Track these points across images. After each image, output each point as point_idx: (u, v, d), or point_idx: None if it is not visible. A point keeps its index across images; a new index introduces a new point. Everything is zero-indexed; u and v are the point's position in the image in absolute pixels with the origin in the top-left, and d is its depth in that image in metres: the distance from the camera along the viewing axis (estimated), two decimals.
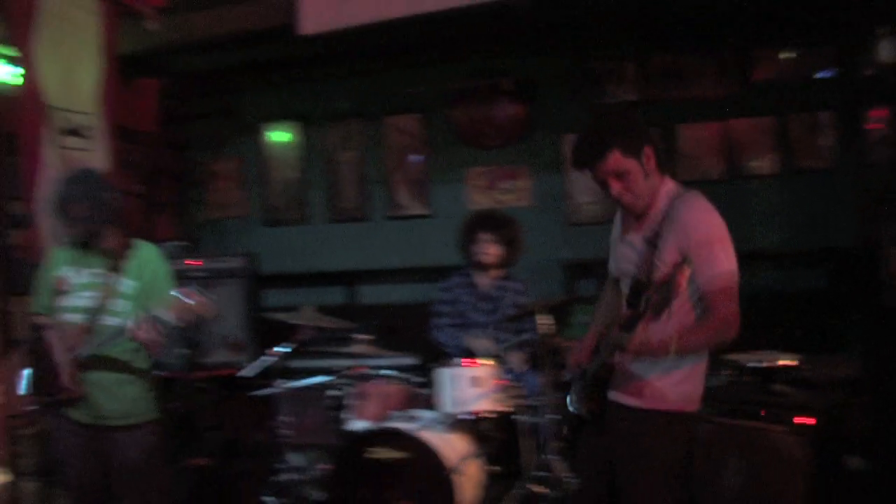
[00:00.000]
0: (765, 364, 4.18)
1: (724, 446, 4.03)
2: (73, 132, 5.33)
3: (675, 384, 3.03)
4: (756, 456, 3.89)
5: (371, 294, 7.53)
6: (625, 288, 3.15)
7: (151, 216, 7.36)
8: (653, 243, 2.98)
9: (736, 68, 6.51)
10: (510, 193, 7.11)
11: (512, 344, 5.22)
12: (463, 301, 5.33)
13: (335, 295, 7.55)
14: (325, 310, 5.37)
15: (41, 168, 5.07)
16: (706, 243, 2.91)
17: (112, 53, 5.60)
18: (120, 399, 3.64)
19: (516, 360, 5.10)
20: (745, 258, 6.06)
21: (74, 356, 3.55)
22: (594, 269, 6.77)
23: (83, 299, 3.64)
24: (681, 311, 2.96)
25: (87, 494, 3.69)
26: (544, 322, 4.59)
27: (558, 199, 7.02)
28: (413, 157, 7.37)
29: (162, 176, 7.75)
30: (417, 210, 7.38)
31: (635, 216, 3.12)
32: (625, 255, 3.17)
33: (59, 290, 3.67)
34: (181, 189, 8.04)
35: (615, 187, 3.02)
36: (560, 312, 4.78)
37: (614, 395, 3.11)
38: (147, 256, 3.78)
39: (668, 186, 3.09)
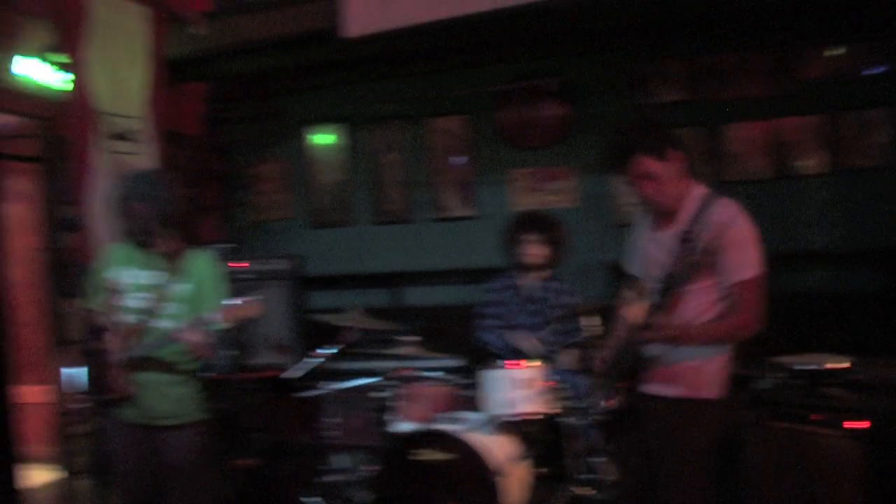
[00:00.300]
0: (815, 367, 4.10)
1: (774, 451, 3.97)
2: (122, 136, 5.41)
3: (705, 373, 3.20)
4: (808, 461, 3.82)
5: (415, 296, 7.55)
6: (652, 284, 3.24)
7: (197, 219, 7.44)
8: (687, 241, 3.11)
9: (784, 66, 6.43)
10: (555, 194, 7.08)
11: (559, 345, 5.19)
12: (508, 303, 5.31)
13: (379, 297, 7.57)
14: (370, 311, 5.38)
15: (91, 172, 5.15)
16: (740, 243, 3.09)
17: (159, 58, 5.68)
18: (169, 399, 3.66)
19: (564, 361, 5.07)
20: (795, 258, 6.00)
21: (125, 357, 3.58)
22: None
23: (136, 300, 3.66)
24: (705, 302, 3.17)
25: (137, 492, 3.72)
26: (591, 323, 4.56)
27: (603, 200, 6.98)
28: (457, 159, 7.36)
29: (208, 179, 7.83)
30: (462, 212, 7.38)
31: (664, 216, 3.29)
32: (653, 253, 3.33)
33: (113, 290, 3.69)
34: (227, 192, 8.12)
35: (646, 189, 3.20)
36: (607, 314, 4.73)
37: (646, 388, 3.27)
38: (201, 260, 3.80)
39: (700, 189, 3.26)
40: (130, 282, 3.68)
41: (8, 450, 5.27)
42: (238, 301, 3.44)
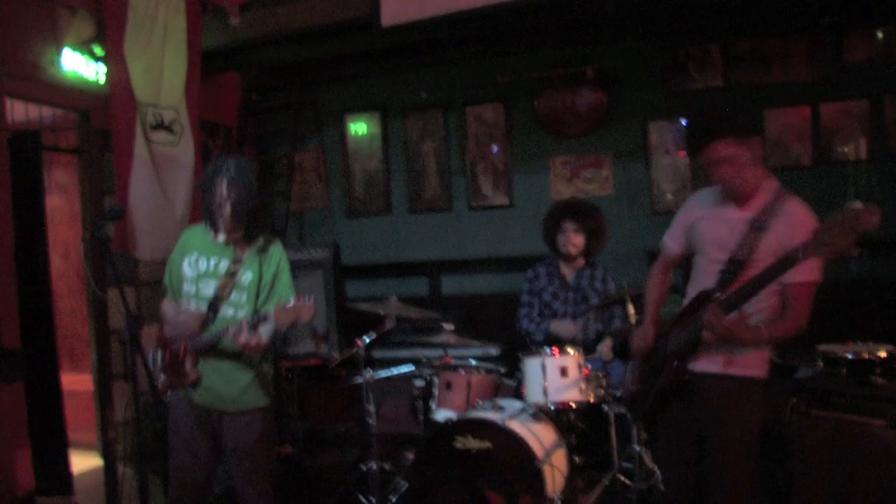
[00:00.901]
0: (864, 355, 4.04)
1: (818, 440, 3.93)
2: (161, 127, 5.44)
3: (762, 353, 3.32)
4: (853, 450, 3.78)
5: (453, 284, 7.54)
6: (710, 263, 3.36)
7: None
8: (759, 228, 3.19)
9: (826, 50, 6.31)
10: (593, 182, 7.03)
11: (598, 333, 5.18)
12: (548, 291, 5.30)
13: (417, 286, 7.58)
14: (409, 300, 5.39)
15: (133, 163, 5.19)
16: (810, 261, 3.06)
17: (196, 49, 5.70)
18: (235, 384, 3.70)
19: (604, 349, 5.06)
20: None
21: (194, 343, 3.65)
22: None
23: (207, 287, 3.71)
24: (770, 300, 3.24)
25: (196, 474, 3.76)
26: (632, 311, 4.54)
27: (642, 188, 6.92)
28: (495, 147, 7.34)
29: None
30: (499, 200, 7.35)
31: (735, 198, 3.31)
32: (718, 231, 3.35)
33: (184, 277, 3.75)
34: (263, 181, 8.16)
35: (725, 172, 3.21)
36: (641, 301, 4.71)
37: (703, 366, 3.33)
38: (269, 250, 3.81)
39: (773, 183, 3.30)
40: (202, 268, 3.73)
41: (58, 437, 5.36)
42: (292, 303, 3.44)
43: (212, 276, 3.71)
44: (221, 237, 3.75)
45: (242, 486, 3.75)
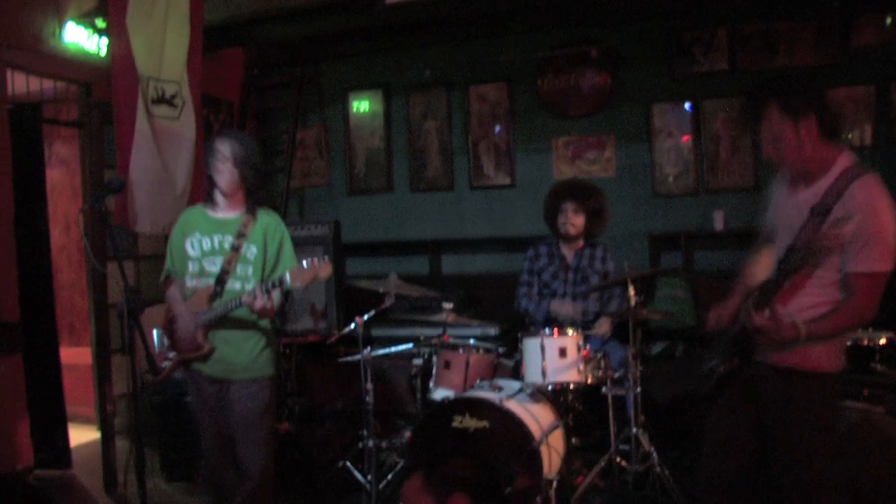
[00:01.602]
0: (864, 342, 4.03)
1: None
2: (163, 100, 5.41)
3: (828, 345, 2.96)
4: (854, 437, 3.77)
5: (454, 263, 7.53)
6: (779, 249, 3.05)
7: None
8: (821, 215, 2.88)
9: (833, 35, 6.27)
10: (595, 164, 7.01)
11: (597, 314, 5.18)
12: (548, 270, 5.29)
13: (418, 264, 7.57)
14: (409, 279, 5.38)
15: (134, 136, 5.17)
16: (876, 231, 2.81)
17: (199, 23, 5.65)
18: (245, 353, 3.81)
19: (602, 323, 5.06)
20: None
21: (201, 319, 3.74)
22: (679, 240, 6.66)
23: (212, 264, 3.81)
24: (825, 293, 2.92)
25: (217, 443, 3.89)
26: (632, 293, 4.53)
27: (644, 170, 6.90)
28: (497, 127, 7.31)
29: None
30: (501, 180, 7.34)
31: (802, 178, 3.02)
32: (790, 215, 3.05)
33: (187, 256, 3.84)
34: (265, 158, 8.13)
35: (770, 149, 2.99)
36: (645, 284, 4.70)
37: (765, 357, 3.04)
38: (270, 223, 3.91)
39: (845, 161, 2.94)
40: (205, 246, 3.83)
41: (56, 410, 5.37)
42: (310, 262, 3.53)
43: (217, 252, 3.82)
44: (224, 212, 3.87)
45: (245, 455, 3.83)
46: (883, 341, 4.05)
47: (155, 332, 3.92)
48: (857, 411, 3.81)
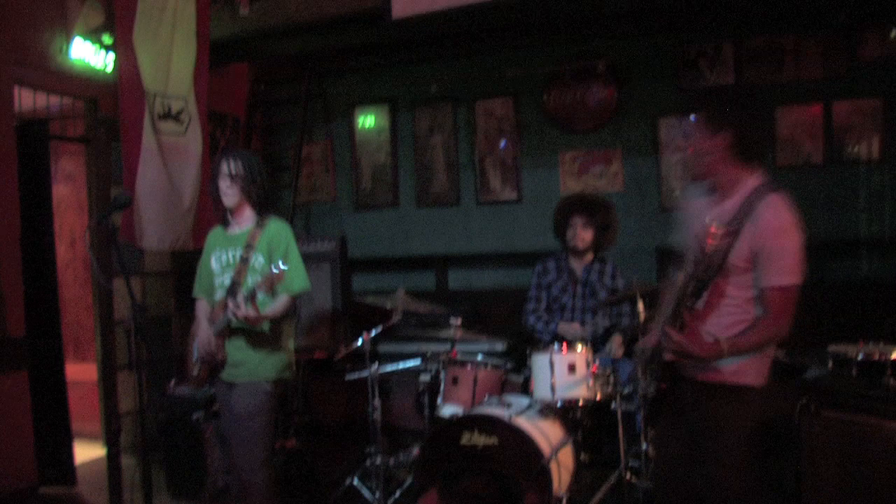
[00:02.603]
0: (875, 356, 3.99)
1: (829, 440, 3.89)
2: (169, 116, 5.41)
3: (754, 361, 3.11)
4: (866, 452, 3.73)
5: (460, 279, 7.50)
6: (688, 264, 3.12)
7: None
8: (731, 234, 3.00)
9: (840, 48, 6.24)
10: (602, 178, 6.99)
11: (605, 330, 5.15)
12: (557, 285, 5.27)
13: (424, 280, 7.55)
14: (415, 294, 5.36)
15: (141, 152, 5.17)
16: (784, 247, 2.97)
17: (205, 38, 5.66)
18: (250, 357, 3.97)
19: (613, 346, 5.03)
20: (847, 246, 5.88)
21: (215, 327, 3.93)
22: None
23: (226, 279, 4.02)
24: (744, 312, 3.08)
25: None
26: (641, 308, 4.50)
27: (651, 184, 6.87)
28: (504, 142, 7.30)
29: None
30: (508, 195, 7.31)
31: (715, 195, 3.18)
32: (698, 229, 3.11)
33: (213, 273, 4.07)
34: (271, 173, 8.13)
35: (690, 158, 3.18)
36: (654, 299, 4.67)
37: (691, 372, 3.17)
38: (275, 232, 4.03)
39: (755, 181, 3.10)
40: (224, 262, 4.04)
41: (62, 426, 5.35)
42: (272, 270, 3.63)
43: (232, 266, 4.01)
44: (235, 228, 4.07)
45: (238, 458, 3.95)
46: (894, 356, 4.01)
47: (194, 345, 4.12)
48: (868, 426, 3.77)
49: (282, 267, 3.62)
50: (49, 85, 5.54)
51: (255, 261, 3.96)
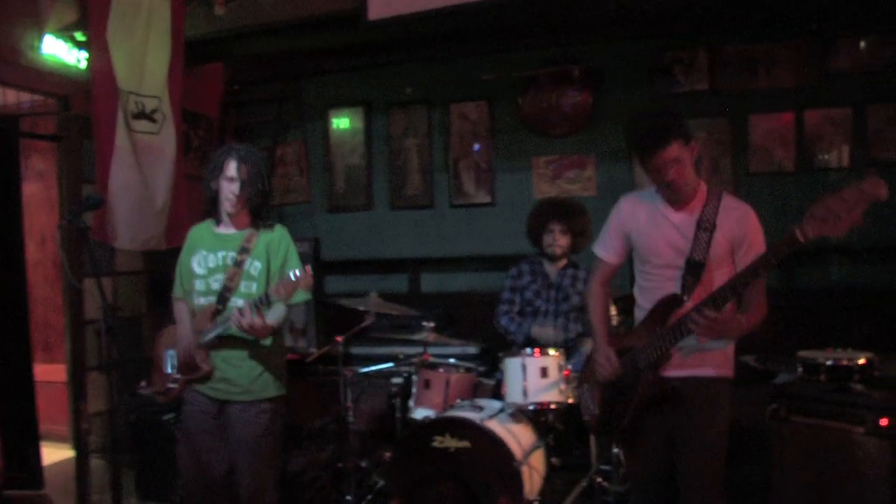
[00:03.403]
0: (843, 362, 4.04)
1: (797, 445, 3.94)
2: (143, 115, 5.38)
3: (727, 352, 3.40)
4: (834, 457, 3.78)
5: (433, 282, 7.49)
6: (663, 268, 3.41)
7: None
8: (707, 228, 3.29)
9: (812, 57, 6.30)
10: (576, 183, 7.01)
11: (580, 334, 5.17)
12: (531, 289, 5.28)
13: (397, 282, 7.53)
14: (388, 297, 5.35)
15: (114, 151, 5.13)
16: (758, 236, 3.32)
17: (180, 37, 5.64)
18: (243, 373, 3.72)
19: (582, 350, 5.05)
20: (817, 253, 5.93)
21: (203, 338, 3.66)
22: None
23: (214, 282, 3.73)
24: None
25: (212, 466, 3.77)
26: (613, 312, 4.53)
27: (624, 190, 6.82)
28: (478, 145, 7.30)
29: None
30: (481, 198, 7.31)
31: (677, 202, 3.38)
32: (668, 235, 3.39)
33: (194, 274, 3.77)
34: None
35: (671, 173, 3.26)
36: (627, 304, 4.70)
37: (674, 372, 3.34)
38: (274, 237, 3.82)
39: (703, 183, 3.44)
40: (209, 265, 3.75)
41: (29, 428, 5.29)
42: (290, 276, 3.35)
43: (221, 269, 3.73)
44: (228, 228, 3.81)
45: (243, 481, 3.73)
46: (862, 361, 4.05)
47: (168, 353, 3.87)
48: (836, 431, 3.82)
49: (302, 272, 3.32)
50: (20, 81, 5.49)
51: (250, 266, 3.71)
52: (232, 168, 3.69)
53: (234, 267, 3.70)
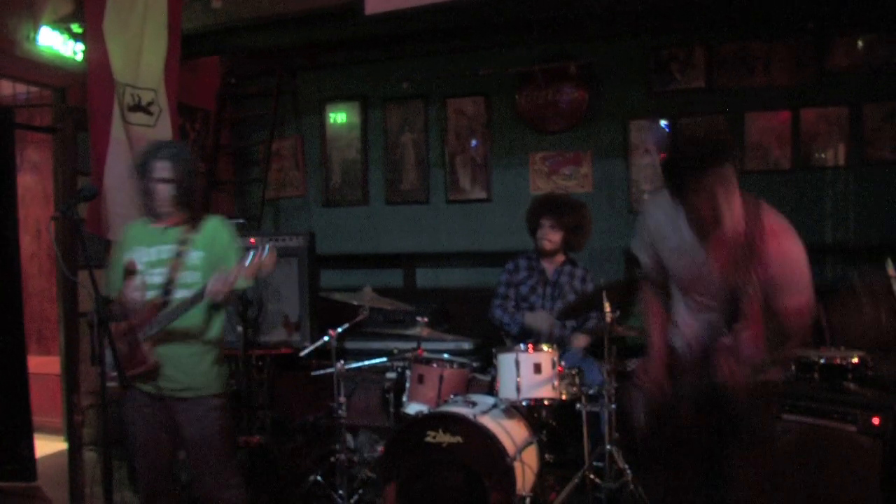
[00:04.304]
0: (836, 361, 4.05)
1: (791, 444, 3.94)
2: (139, 108, 5.36)
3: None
4: (826, 455, 3.79)
5: (428, 277, 7.50)
6: (700, 295, 3.26)
7: (211, 194, 7.42)
8: (749, 251, 3.08)
9: (809, 56, 6.30)
10: (572, 179, 7.01)
11: (573, 330, 5.17)
12: (527, 284, 5.29)
13: (392, 277, 7.53)
14: (383, 291, 5.35)
15: (109, 143, 5.12)
16: (800, 262, 3.17)
17: (177, 30, 5.62)
18: (189, 371, 3.70)
19: (579, 337, 5.06)
20: (813, 251, 5.96)
21: (148, 332, 3.62)
22: None
23: (154, 276, 3.70)
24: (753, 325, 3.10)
25: (156, 464, 3.76)
26: (607, 309, 4.53)
27: (620, 186, 6.91)
28: (474, 141, 7.30)
29: (221, 154, 7.81)
30: (477, 194, 7.31)
31: (711, 224, 3.13)
32: (702, 262, 3.20)
33: (131, 271, 3.73)
34: (240, 167, 8.10)
35: (719, 197, 3.05)
36: (621, 301, 4.70)
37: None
38: (214, 227, 3.81)
39: (742, 201, 3.17)
40: (147, 259, 3.72)
41: (22, 420, 5.27)
42: (253, 256, 3.38)
43: (159, 264, 3.71)
44: (164, 223, 3.77)
45: (205, 478, 3.74)
46: (855, 360, 4.07)
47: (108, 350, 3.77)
48: (829, 430, 3.83)
49: (267, 249, 3.38)
50: (15, 73, 5.48)
51: (190, 257, 3.70)
52: (161, 168, 3.68)
53: (174, 259, 3.69)
